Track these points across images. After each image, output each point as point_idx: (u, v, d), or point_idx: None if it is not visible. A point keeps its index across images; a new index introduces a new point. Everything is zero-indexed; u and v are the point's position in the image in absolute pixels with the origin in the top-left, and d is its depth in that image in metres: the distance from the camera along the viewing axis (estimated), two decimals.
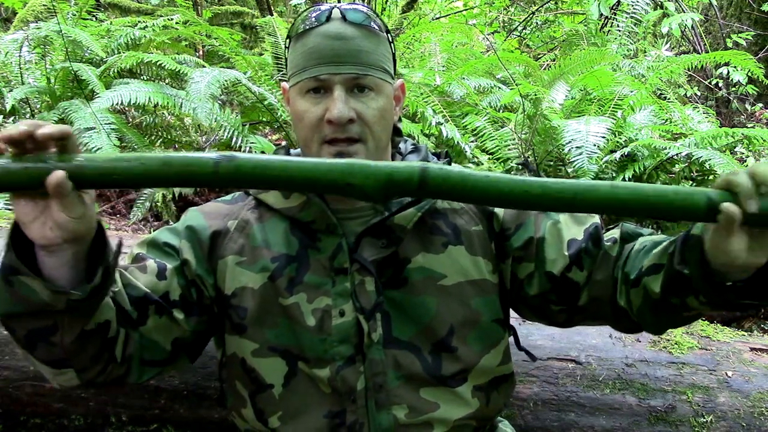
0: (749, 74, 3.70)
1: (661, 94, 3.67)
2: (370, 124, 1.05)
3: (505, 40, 5.54)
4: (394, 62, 1.13)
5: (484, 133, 2.91)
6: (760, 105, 4.75)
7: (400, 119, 1.29)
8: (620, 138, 2.78)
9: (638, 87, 3.07)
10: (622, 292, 1.02)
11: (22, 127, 0.77)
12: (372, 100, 1.05)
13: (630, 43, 4.27)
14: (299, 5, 4.62)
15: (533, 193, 0.82)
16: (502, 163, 2.84)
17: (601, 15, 4.07)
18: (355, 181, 0.80)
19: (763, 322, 2.49)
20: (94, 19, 3.96)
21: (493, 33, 5.95)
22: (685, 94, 4.38)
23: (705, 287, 0.86)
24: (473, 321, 1.09)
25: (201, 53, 4.02)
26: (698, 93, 4.74)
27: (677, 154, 2.61)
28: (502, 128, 2.95)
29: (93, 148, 2.39)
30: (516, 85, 2.94)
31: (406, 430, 1.06)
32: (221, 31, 3.44)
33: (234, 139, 2.66)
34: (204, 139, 3.17)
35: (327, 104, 1.04)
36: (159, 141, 3.01)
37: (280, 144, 2.67)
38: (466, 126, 2.93)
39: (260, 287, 1.07)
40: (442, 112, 2.94)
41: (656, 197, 0.82)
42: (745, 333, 1.82)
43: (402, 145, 1.21)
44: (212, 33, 3.24)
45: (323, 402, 1.06)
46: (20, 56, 2.96)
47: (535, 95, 2.86)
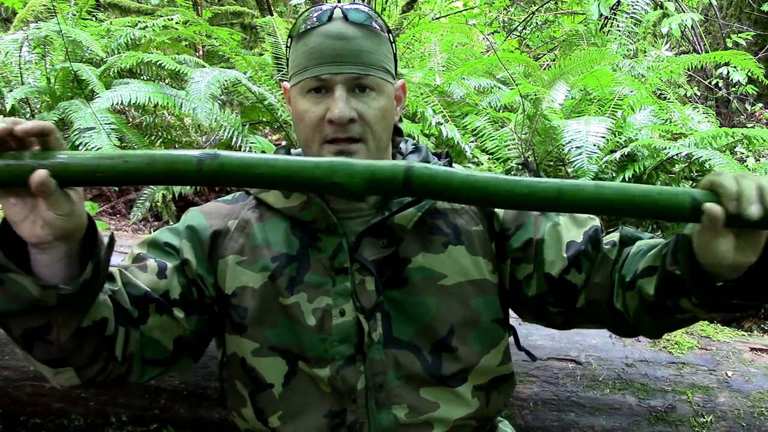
0: (749, 74, 3.70)
1: (661, 94, 3.67)
2: (371, 124, 1.05)
3: (505, 40, 5.54)
4: (396, 62, 1.13)
5: (484, 133, 2.91)
6: (760, 105, 4.75)
7: (401, 119, 1.29)
8: (620, 138, 2.78)
9: (638, 87, 3.07)
10: (619, 296, 1.02)
11: (1, 125, 0.77)
12: (373, 100, 1.05)
13: (630, 43, 4.27)
14: (299, 5, 4.63)
15: (518, 193, 0.82)
16: (502, 163, 2.84)
17: (601, 15, 4.07)
18: (339, 180, 0.81)
19: (763, 322, 2.48)
20: (94, 19, 3.97)
21: (493, 33, 5.95)
22: (685, 94, 4.38)
23: (695, 288, 0.86)
24: (473, 321, 1.09)
25: (201, 53, 4.02)
26: (698, 93, 4.75)
27: (677, 154, 2.61)
28: (502, 128, 2.95)
29: (93, 148, 2.39)
30: (516, 85, 2.94)
31: (407, 430, 1.06)
32: (221, 31, 3.44)
33: (234, 139, 2.66)
34: (204, 139, 3.17)
35: (328, 104, 1.04)
36: (159, 141, 3.01)
37: (280, 144, 2.67)
38: (466, 126, 2.93)
39: (260, 287, 1.07)
40: (442, 112, 2.94)
41: (641, 197, 0.83)
42: (745, 333, 1.82)
43: (403, 145, 1.21)
44: (212, 33, 3.24)
45: (323, 401, 1.07)
46: (20, 56, 2.95)
47: (535, 95, 2.86)
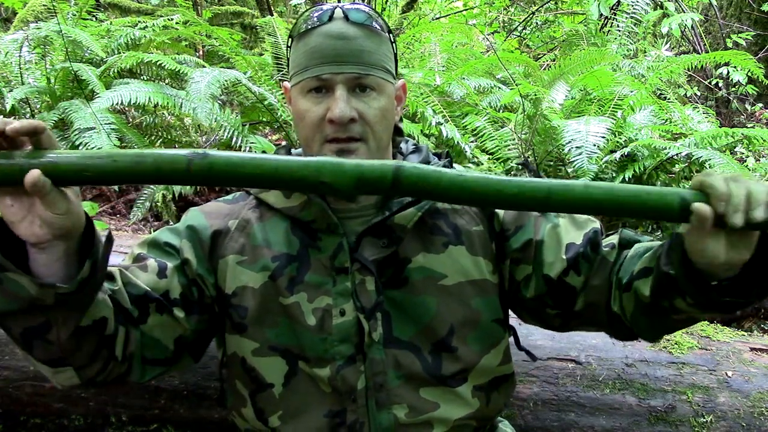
0: (749, 74, 3.71)
1: (661, 94, 3.67)
2: (372, 124, 1.05)
3: (505, 40, 5.54)
4: (396, 62, 1.13)
5: (484, 133, 2.91)
6: (760, 105, 4.75)
7: (401, 119, 1.29)
8: (620, 138, 2.78)
9: (638, 87, 3.07)
10: (616, 298, 1.02)
11: None
12: (373, 100, 1.06)
13: (630, 43, 4.27)
14: (299, 5, 4.63)
15: (507, 193, 0.82)
16: (502, 163, 2.84)
17: (601, 15, 4.07)
18: (327, 179, 0.81)
19: (763, 322, 2.49)
20: (94, 19, 3.96)
21: (493, 33, 5.95)
22: (685, 94, 4.38)
23: (689, 287, 0.86)
24: (473, 321, 1.09)
25: (201, 53, 4.02)
26: (698, 93, 4.75)
27: (677, 154, 2.61)
28: (502, 128, 2.95)
29: (93, 148, 2.39)
30: (516, 85, 2.94)
31: (407, 430, 1.06)
32: (221, 31, 3.44)
33: (234, 139, 2.66)
34: (204, 139, 3.17)
35: (329, 104, 1.04)
36: (159, 141, 3.01)
37: (281, 144, 2.67)
38: (466, 126, 2.93)
39: (261, 286, 1.07)
40: (442, 112, 2.94)
41: (630, 197, 0.83)
42: (745, 333, 1.82)
43: (403, 146, 1.21)
44: (212, 33, 3.24)
45: (323, 401, 1.07)
46: (20, 56, 2.95)
47: (535, 95, 2.86)
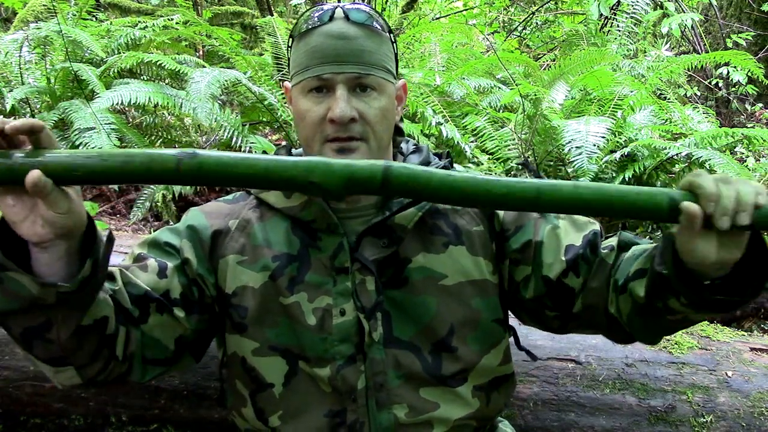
0: (749, 74, 3.71)
1: (661, 94, 3.68)
2: (372, 124, 1.05)
3: (505, 40, 5.54)
4: (397, 62, 1.13)
5: (484, 133, 2.91)
6: (760, 105, 4.75)
7: (402, 119, 1.29)
8: (620, 138, 2.78)
9: (638, 87, 3.07)
10: (613, 300, 1.02)
11: None
12: (374, 100, 1.06)
13: (630, 43, 4.28)
14: (299, 5, 4.63)
15: (496, 193, 0.83)
16: (502, 163, 2.84)
17: (601, 15, 4.07)
18: (316, 179, 0.81)
19: (763, 322, 2.48)
20: (94, 19, 3.97)
21: (493, 33, 5.95)
22: (685, 94, 4.39)
23: (681, 286, 0.86)
24: (473, 321, 1.09)
25: (201, 53, 4.02)
26: (698, 93, 4.75)
27: (677, 154, 2.61)
28: (502, 128, 2.95)
29: (93, 148, 2.39)
30: (516, 85, 2.94)
31: (407, 430, 1.06)
32: (221, 31, 3.44)
33: (234, 139, 2.66)
34: (204, 139, 3.17)
35: (329, 103, 1.04)
36: (159, 141, 3.01)
37: (281, 144, 2.67)
38: (466, 126, 2.93)
39: (261, 286, 1.07)
40: (442, 112, 2.94)
41: (619, 197, 0.83)
42: (745, 333, 1.82)
43: (404, 146, 1.21)
44: (212, 33, 3.24)
45: (324, 401, 1.07)
46: (20, 56, 2.95)
47: (535, 95, 2.86)
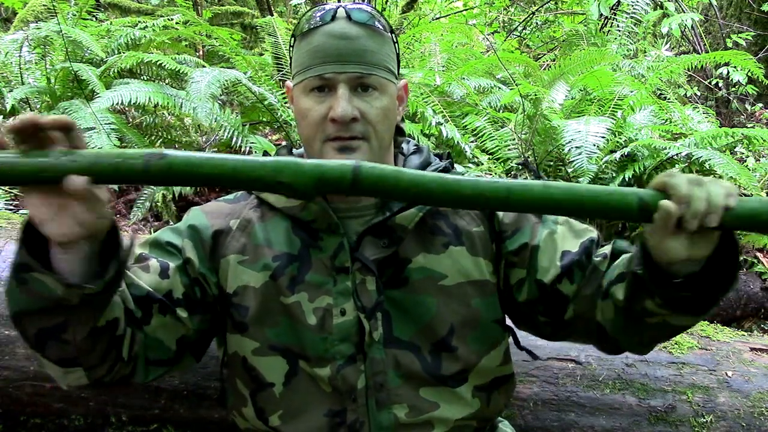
0: (749, 74, 3.71)
1: (661, 94, 3.68)
2: (374, 123, 1.05)
3: (505, 40, 5.55)
4: (398, 62, 1.13)
5: (484, 133, 2.91)
6: (760, 105, 4.75)
7: (403, 119, 1.29)
8: (620, 138, 2.78)
9: (638, 87, 3.08)
10: (599, 307, 1.02)
11: (26, 116, 0.77)
12: (375, 100, 1.06)
13: (630, 43, 4.28)
14: (299, 5, 4.63)
15: (465, 193, 0.83)
16: (502, 163, 2.84)
17: (601, 15, 4.07)
18: (285, 179, 0.81)
19: (763, 322, 2.49)
20: (94, 19, 3.97)
21: (493, 33, 5.95)
22: (685, 94, 4.38)
23: (653, 286, 0.87)
24: (473, 321, 1.09)
25: (201, 53, 4.01)
26: (698, 93, 4.75)
27: (677, 154, 2.61)
28: (502, 128, 2.95)
29: (94, 149, 2.39)
30: (516, 85, 2.94)
31: (407, 430, 1.06)
32: (221, 31, 3.44)
33: (234, 139, 2.66)
34: (204, 139, 3.17)
35: (331, 103, 1.04)
36: (159, 141, 3.01)
37: (281, 144, 2.67)
38: (466, 126, 2.93)
39: (261, 286, 1.07)
40: (442, 112, 2.94)
41: (590, 197, 0.84)
42: (745, 333, 1.83)
43: (404, 146, 1.21)
44: (212, 33, 3.24)
45: (324, 401, 1.07)
46: (20, 56, 2.95)
47: (535, 95, 2.86)
